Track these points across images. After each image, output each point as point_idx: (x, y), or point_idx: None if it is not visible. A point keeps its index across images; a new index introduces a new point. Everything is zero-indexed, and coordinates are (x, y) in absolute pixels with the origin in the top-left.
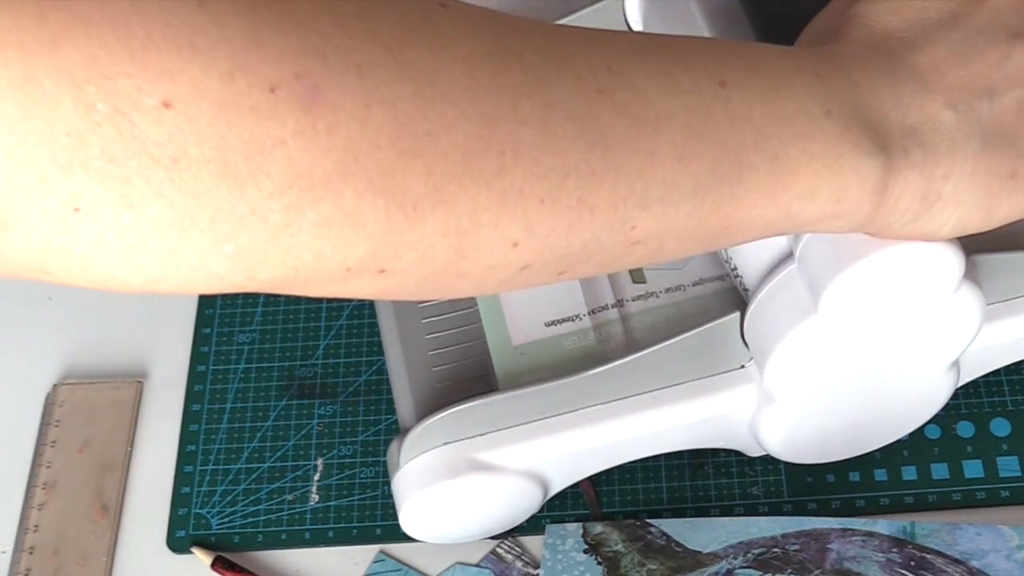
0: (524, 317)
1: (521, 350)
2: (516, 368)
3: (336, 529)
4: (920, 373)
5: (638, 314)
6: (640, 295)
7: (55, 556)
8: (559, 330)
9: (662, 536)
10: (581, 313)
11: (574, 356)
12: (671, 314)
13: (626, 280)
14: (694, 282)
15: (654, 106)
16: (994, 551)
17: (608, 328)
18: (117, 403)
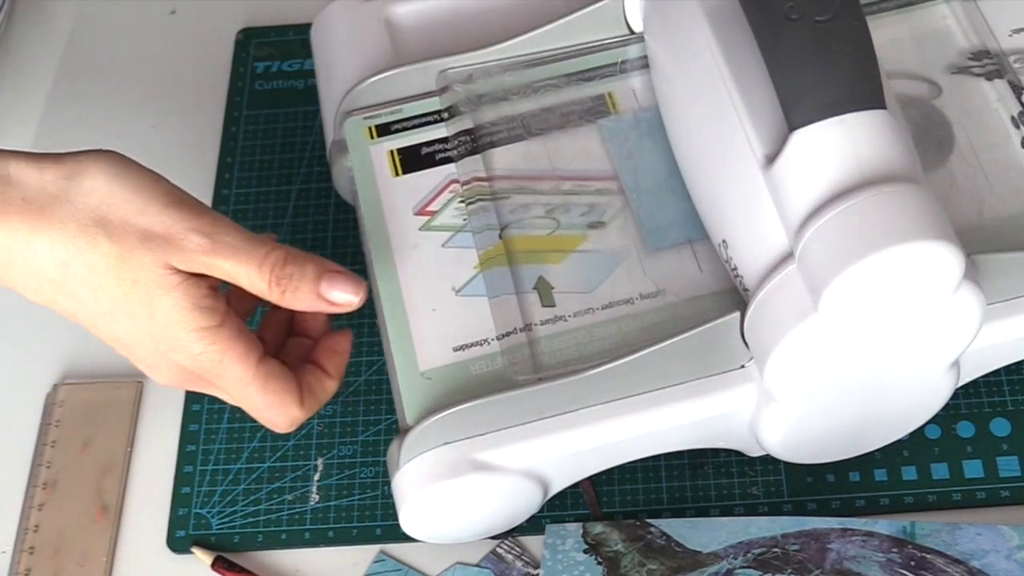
0: (433, 342)
1: (428, 375)
2: (421, 393)
3: (336, 529)
4: (920, 373)
5: (546, 338)
6: (548, 319)
7: (55, 556)
8: (466, 355)
9: (662, 536)
10: (489, 338)
11: (482, 381)
12: (579, 338)
13: (535, 304)
14: (603, 305)
15: None
16: (994, 551)
17: (516, 353)
18: (117, 403)
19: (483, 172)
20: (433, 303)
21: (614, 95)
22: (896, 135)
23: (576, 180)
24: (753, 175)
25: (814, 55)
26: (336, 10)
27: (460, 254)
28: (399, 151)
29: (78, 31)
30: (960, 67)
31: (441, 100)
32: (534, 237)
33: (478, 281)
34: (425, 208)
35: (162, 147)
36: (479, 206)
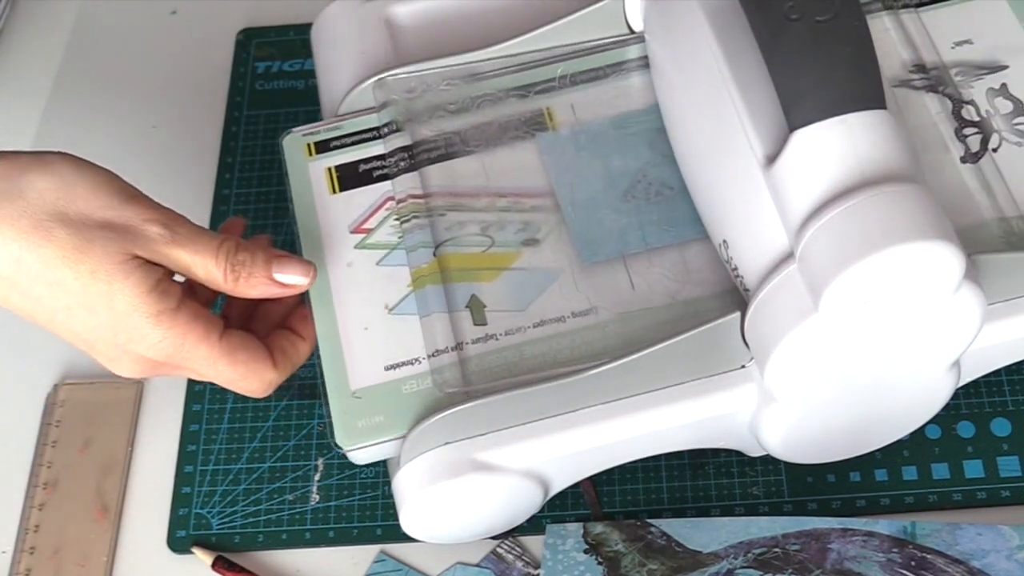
0: (364, 361)
1: (358, 394)
2: (351, 412)
3: (337, 529)
4: (920, 373)
5: (476, 357)
6: (480, 337)
7: (55, 556)
8: (397, 374)
9: (662, 536)
10: (421, 357)
11: (411, 401)
12: (509, 357)
13: (467, 322)
14: (535, 324)
15: None
16: (994, 551)
17: (445, 372)
18: (117, 403)
19: (419, 189)
20: (366, 321)
21: (552, 110)
22: (896, 135)
23: (512, 197)
24: (753, 175)
25: (814, 55)
26: (336, 10)
27: (394, 272)
28: (337, 168)
29: (78, 31)
30: (901, 80)
31: (379, 116)
32: (469, 255)
33: (411, 299)
34: (361, 226)
35: (162, 147)
36: (414, 224)
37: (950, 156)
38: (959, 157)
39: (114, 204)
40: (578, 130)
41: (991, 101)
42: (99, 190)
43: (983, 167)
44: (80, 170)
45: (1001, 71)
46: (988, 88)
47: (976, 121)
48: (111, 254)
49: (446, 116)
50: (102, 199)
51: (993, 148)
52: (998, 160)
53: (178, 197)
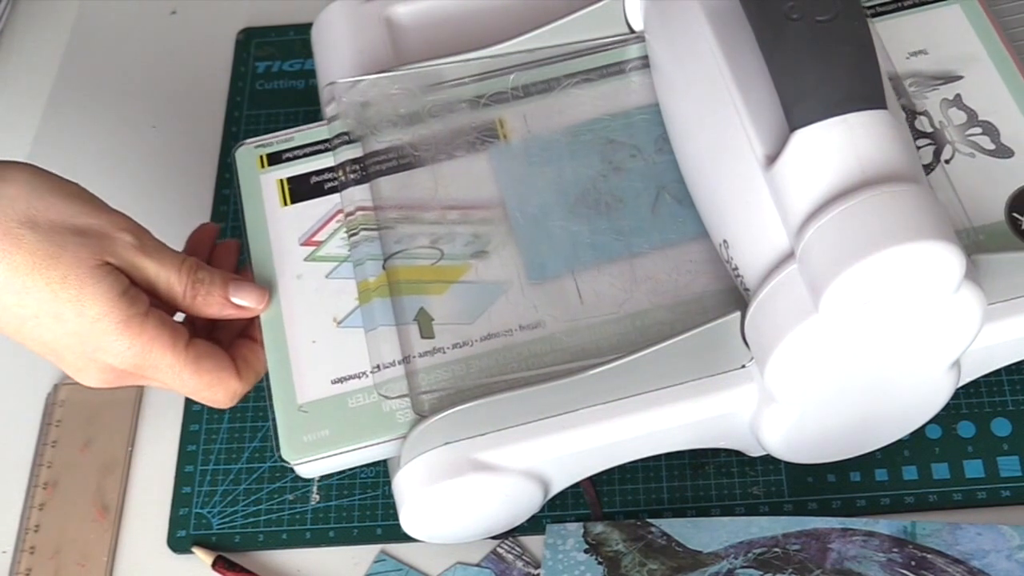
0: (311, 375)
1: (305, 408)
2: (297, 426)
3: (337, 529)
4: (921, 373)
5: (424, 370)
6: (427, 351)
7: (56, 556)
8: (344, 388)
9: (663, 536)
10: (367, 370)
11: (357, 415)
12: (456, 370)
13: (415, 335)
14: (482, 337)
15: None
16: (995, 551)
17: (392, 385)
18: (117, 403)
19: (370, 202)
20: (313, 335)
21: (505, 121)
22: (897, 135)
23: (462, 209)
24: (754, 175)
25: (814, 55)
26: (336, 10)
27: (344, 285)
28: (288, 180)
29: (78, 31)
30: None
31: (330, 128)
32: (417, 267)
33: (359, 313)
34: (311, 238)
35: (162, 147)
36: (363, 236)
37: None
38: None
39: (87, 211)
40: (529, 140)
41: (945, 112)
42: (71, 198)
43: (935, 179)
44: (49, 181)
45: (955, 81)
46: (942, 99)
47: (930, 132)
48: (83, 259)
49: (397, 127)
50: (75, 207)
51: (946, 160)
52: (950, 172)
53: (178, 197)
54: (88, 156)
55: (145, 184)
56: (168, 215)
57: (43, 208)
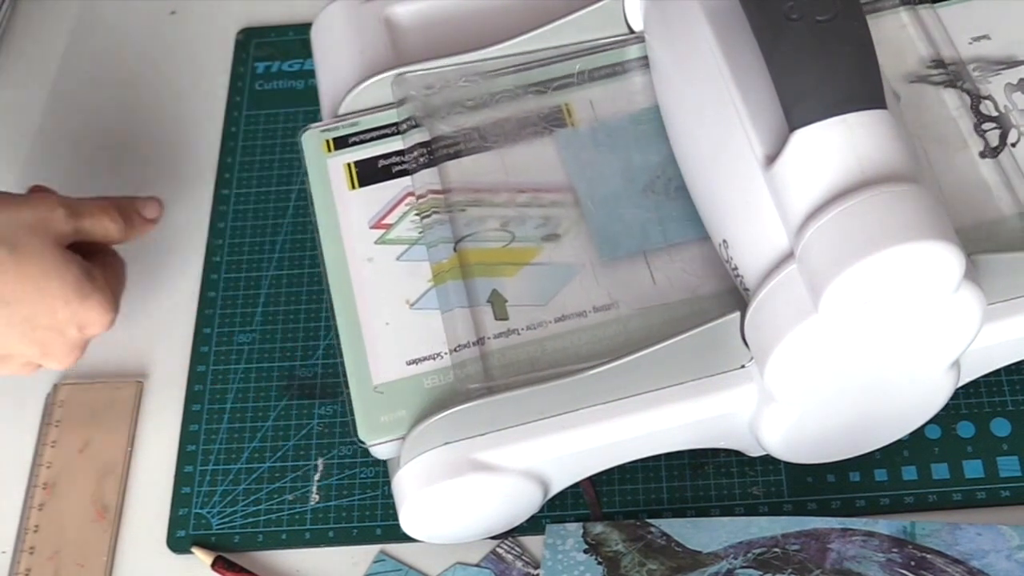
0: (386, 356)
1: (380, 389)
2: (374, 407)
3: (336, 529)
4: (920, 373)
5: (498, 351)
6: (501, 332)
7: (55, 556)
8: (419, 369)
9: (662, 536)
10: (443, 352)
11: (433, 395)
12: (531, 351)
13: (488, 317)
14: (556, 318)
15: None
16: (994, 551)
17: (467, 367)
18: (117, 403)
19: (439, 185)
20: (387, 317)
21: (571, 106)
22: (897, 135)
23: (531, 192)
24: (753, 175)
25: (814, 55)
26: (336, 10)
27: (415, 267)
28: (356, 164)
29: (78, 31)
30: (919, 76)
31: (398, 112)
32: (489, 250)
33: (432, 295)
34: (381, 221)
35: (162, 147)
36: (434, 219)
37: (969, 152)
38: (978, 152)
39: (16, 205)
40: (596, 126)
41: (1009, 96)
42: None
43: (1002, 162)
44: None
45: (1018, 66)
46: (1006, 83)
47: (995, 116)
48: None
49: (464, 112)
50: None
51: (1012, 143)
52: (1017, 155)
53: (178, 197)
54: (87, 156)
55: (145, 184)
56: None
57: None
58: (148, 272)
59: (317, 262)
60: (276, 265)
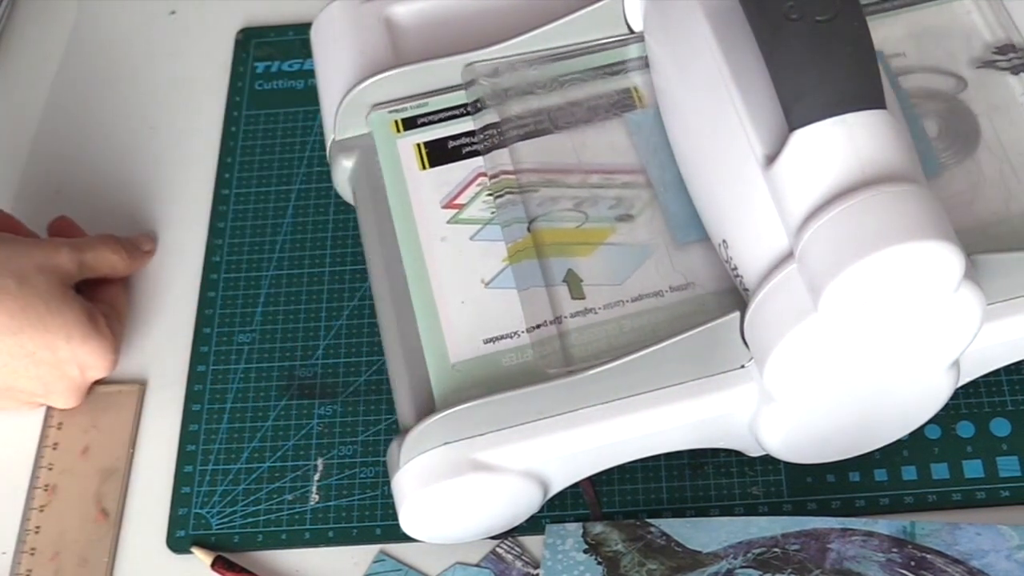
0: (463, 334)
1: (458, 368)
2: (452, 386)
3: (336, 529)
4: (920, 373)
5: (576, 330)
6: (579, 311)
7: (56, 557)
8: (497, 347)
9: (662, 536)
10: (520, 330)
11: (512, 373)
12: (609, 330)
13: (565, 296)
14: (632, 298)
15: None
16: (994, 551)
17: (546, 345)
18: (118, 405)
19: (510, 166)
20: (462, 296)
21: (640, 89)
22: (896, 135)
23: (603, 173)
24: (753, 175)
25: (814, 55)
26: (336, 10)
27: (488, 247)
28: (426, 144)
29: (78, 31)
30: (985, 61)
31: (467, 94)
32: (563, 230)
33: (507, 274)
34: (453, 201)
35: (162, 148)
36: (507, 199)
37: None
38: None
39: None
40: None
41: None
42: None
43: None
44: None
45: None
46: None
47: None
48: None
49: (533, 95)
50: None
51: None
52: None
53: (178, 197)
54: (87, 156)
55: (145, 184)
56: (168, 216)
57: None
58: (148, 272)
59: (317, 262)
60: (276, 265)
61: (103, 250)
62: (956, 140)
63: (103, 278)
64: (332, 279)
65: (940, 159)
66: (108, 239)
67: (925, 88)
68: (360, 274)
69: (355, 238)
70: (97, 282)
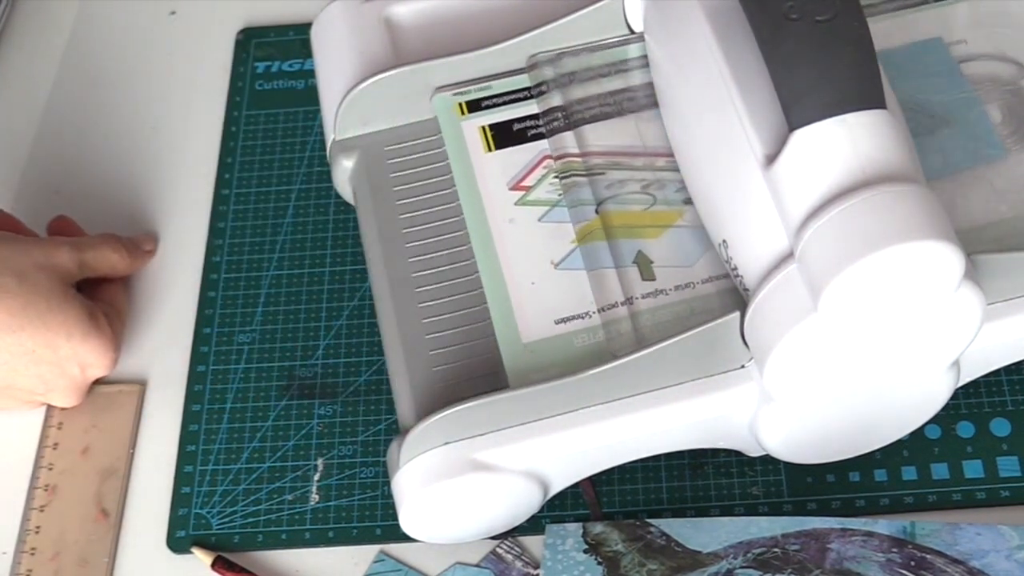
0: (534, 315)
1: (531, 348)
2: (526, 366)
3: (336, 529)
4: (920, 373)
5: (647, 311)
6: (649, 292)
7: (56, 558)
8: (569, 328)
9: (662, 536)
10: (591, 311)
11: (584, 354)
12: (680, 311)
13: (635, 278)
14: (703, 279)
15: None
16: (994, 551)
17: (617, 326)
18: (118, 405)
19: (576, 148)
20: (532, 276)
21: None
22: (897, 135)
23: (669, 157)
24: (753, 175)
25: (814, 55)
26: (336, 10)
27: (556, 228)
28: (491, 127)
29: (78, 31)
30: None
31: (530, 77)
32: (631, 212)
33: (576, 255)
34: (519, 183)
35: (162, 147)
36: (573, 181)
37: None
38: None
39: (23, 244)
40: None
41: None
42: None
43: None
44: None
45: None
46: None
47: None
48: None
49: (596, 80)
50: (13, 246)
51: None
52: None
53: (178, 197)
54: (87, 156)
55: (145, 184)
56: (168, 216)
57: None
58: (148, 272)
59: (317, 262)
60: (276, 265)
61: (104, 249)
62: (1021, 125)
63: (103, 277)
64: (332, 279)
65: (1005, 144)
66: (109, 238)
67: (987, 74)
68: (360, 274)
69: (355, 238)
70: (97, 281)
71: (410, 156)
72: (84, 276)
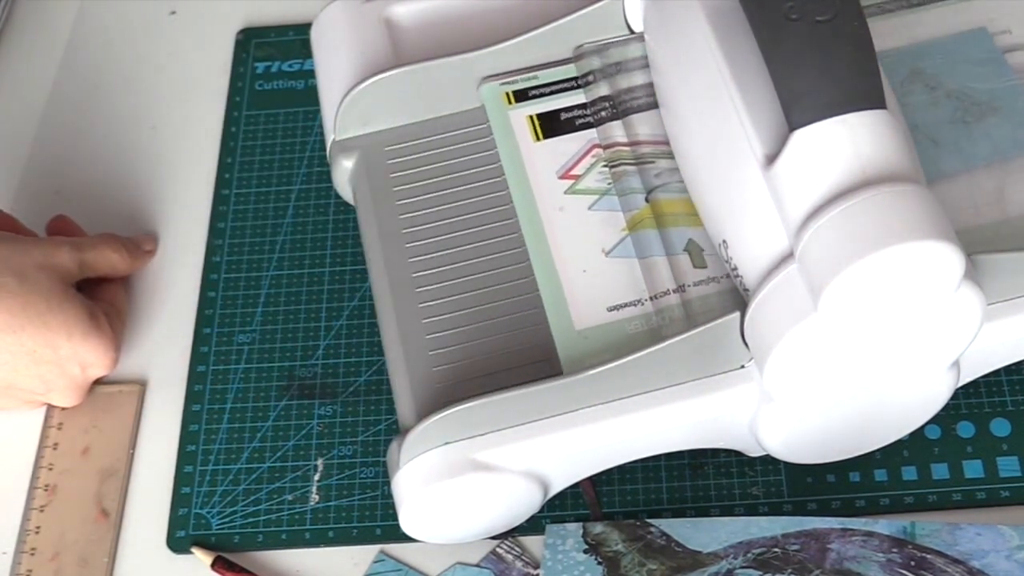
0: (586, 302)
1: (584, 334)
2: (579, 352)
3: (336, 529)
4: (920, 373)
5: (699, 299)
6: (701, 280)
7: (56, 558)
8: (621, 315)
9: (662, 536)
10: (643, 298)
11: (636, 340)
12: (734, 299)
13: (687, 265)
14: None
15: None
16: (994, 551)
17: (669, 313)
18: (118, 405)
19: (624, 138)
20: (583, 264)
21: None
22: (897, 135)
23: None
24: (753, 175)
25: (814, 55)
26: (336, 10)
27: (607, 217)
28: (539, 116)
29: (78, 31)
30: None
31: (577, 67)
32: (681, 200)
33: (627, 243)
34: (568, 172)
35: (162, 148)
36: (623, 170)
37: None
38: None
39: (25, 243)
40: None
41: None
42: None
43: None
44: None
45: None
46: None
47: None
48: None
49: (642, 71)
50: (13, 245)
51: None
52: None
53: (178, 197)
54: (87, 156)
55: (145, 184)
56: (168, 216)
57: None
58: (148, 272)
59: (317, 262)
60: (276, 265)
61: (104, 249)
62: None
63: (103, 277)
64: (332, 279)
65: None
66: (109, 238)
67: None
68: (360, 274)
69: (355, 238)
70: (97, 281)
71: (414, 155)
72: (84, 276)
